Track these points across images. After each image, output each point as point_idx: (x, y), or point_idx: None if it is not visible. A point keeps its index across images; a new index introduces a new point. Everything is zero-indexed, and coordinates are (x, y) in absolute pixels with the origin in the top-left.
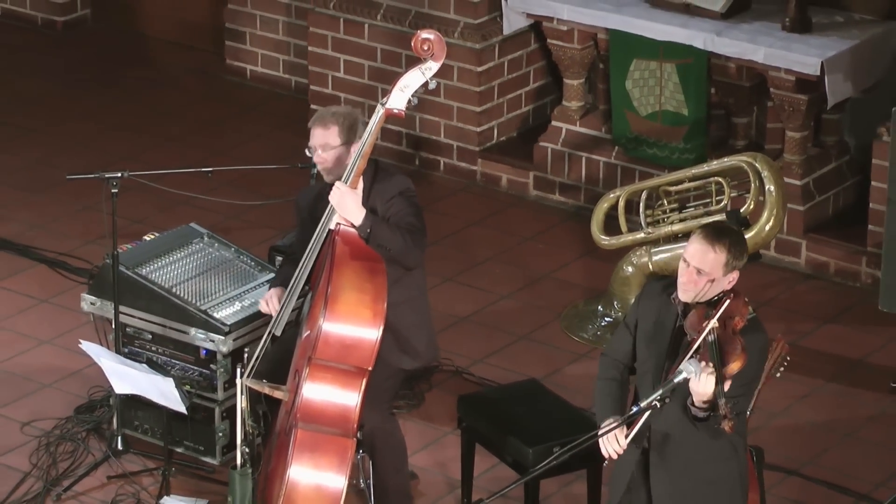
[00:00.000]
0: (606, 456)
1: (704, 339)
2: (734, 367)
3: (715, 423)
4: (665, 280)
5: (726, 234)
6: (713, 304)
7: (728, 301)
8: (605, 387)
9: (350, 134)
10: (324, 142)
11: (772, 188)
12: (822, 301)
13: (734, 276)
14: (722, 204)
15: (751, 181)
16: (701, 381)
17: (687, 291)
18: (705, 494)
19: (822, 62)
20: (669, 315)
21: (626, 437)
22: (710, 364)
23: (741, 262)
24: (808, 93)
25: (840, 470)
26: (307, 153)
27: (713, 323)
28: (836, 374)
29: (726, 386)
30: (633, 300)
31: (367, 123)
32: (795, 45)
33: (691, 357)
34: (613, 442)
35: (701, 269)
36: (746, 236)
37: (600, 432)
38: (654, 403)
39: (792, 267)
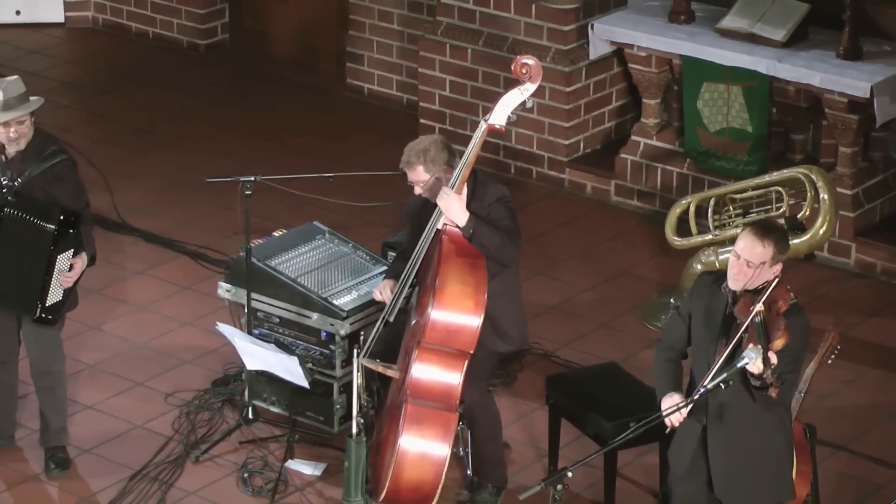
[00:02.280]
0: (669, 425)
1: (752, 320)
2: (778, 343)
3: (763, 391)
4: (713, 274)
5: (773, 230)
6: (759, 291)
7: (772, 288)
8: (662, 368)
9: (434, 167)
10: (415, 179)
11: (825, 197)
12: (869, 297)
13: (778, 267)
14: (781, 210)
15: (807, 190)
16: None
17: (737, 281)
18: (757, 463)
19: (871, 86)
20: (720, 303)
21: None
22: (759, 343)
23: (784, 255)
24: (858, 113)
25: (882, 446)
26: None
27: (759, 306)
28: (880, 362)
29: (773, 359)
30: None
31: (448, 147)
32: (848, 70)
33: (742, 337)
34: (675, 413)
35: (750, 261)
36: (802, 239)
37: (667, 411)
38: (719, 385)
39: (843, 266)
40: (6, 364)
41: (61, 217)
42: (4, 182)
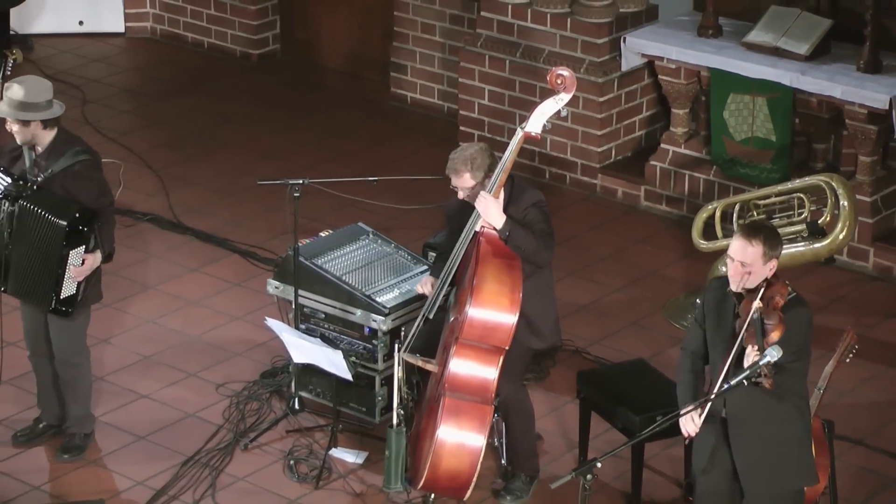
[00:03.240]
0: (686, 434)
1: (751, 318)
2: (774, 335)
3: (755, 378)
4: (723, 279)
5: (761, 230)
6: (758, 290)
7: (766, 285)
8: (685, 381)
9: (479, 173)
10: (461, 186)
11: (845, 203)
12: (886, 299)
13: (773, 264)
14: (802, 216)
15: (828, 197)
16: (748, 353)
17: (735, 282)
18: (778, 452)
19: (890, 98)
20: (729, 304)
21: (700, 416)
22: (755, 339)
23: (777, 251)
24: (877, 124)
25: None
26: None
27: (757, 303)
28: None
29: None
30: None
31: (492, 154)
32: (868, 83)
33: (744, 336)
34: (690, 423)
35: (743, 261)
36: (823, 244)
37: (681, 414)
38: (742, 382)
39: (861, 270)
40: (47, 356)
41: (77, 215)
42: (30, 177)
